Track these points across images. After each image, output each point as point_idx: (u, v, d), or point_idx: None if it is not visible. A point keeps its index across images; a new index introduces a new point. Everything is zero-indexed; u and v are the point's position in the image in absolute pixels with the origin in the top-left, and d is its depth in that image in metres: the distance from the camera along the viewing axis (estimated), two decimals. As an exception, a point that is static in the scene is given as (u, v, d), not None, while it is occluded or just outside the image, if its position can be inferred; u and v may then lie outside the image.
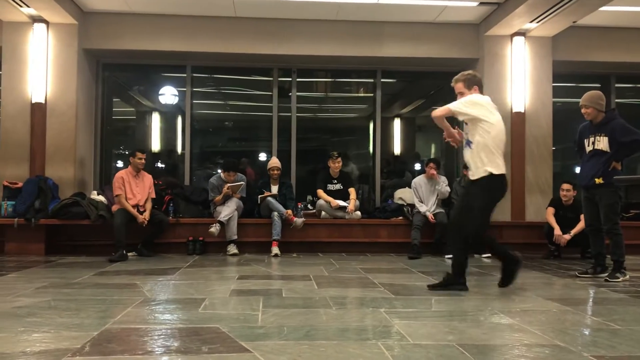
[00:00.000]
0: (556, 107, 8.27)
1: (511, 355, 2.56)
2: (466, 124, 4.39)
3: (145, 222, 6.69)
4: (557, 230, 6.77)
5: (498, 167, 4.28)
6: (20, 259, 6.40)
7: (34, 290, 4.16)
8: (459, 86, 4.46)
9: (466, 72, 4.50)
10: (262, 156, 9.12)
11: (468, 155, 4.42)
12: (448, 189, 7.36)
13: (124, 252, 6.34)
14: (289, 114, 8.64)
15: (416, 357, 2.47)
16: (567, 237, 6.69)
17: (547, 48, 8.04)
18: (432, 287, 4.40)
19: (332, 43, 8.03)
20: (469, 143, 4.39)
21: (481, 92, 4.48)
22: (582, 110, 5.21)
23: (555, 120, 8.06)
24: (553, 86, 8.10)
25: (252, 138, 9.79)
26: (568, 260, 6.83)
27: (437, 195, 7.34)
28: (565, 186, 6.88)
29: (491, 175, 4.24)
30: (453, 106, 4.30)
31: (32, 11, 7.13)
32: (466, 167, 7.25)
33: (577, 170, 5.66)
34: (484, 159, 4.26)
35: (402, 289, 4.46)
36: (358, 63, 8.51)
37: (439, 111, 4.33)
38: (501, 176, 4.31)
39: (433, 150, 10.02)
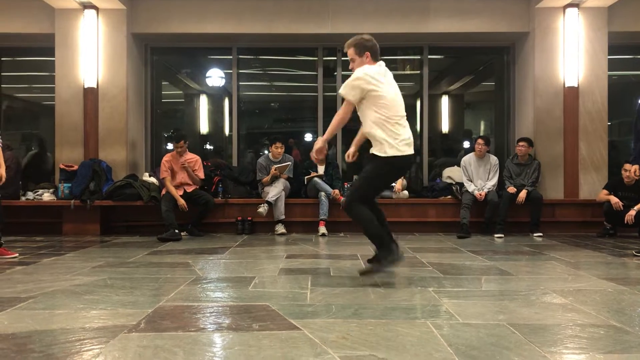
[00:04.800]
0: (612, 80, 7.94)
1: (564, 335, 2.51)
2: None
3: (184, 207, 6.76)
4: (615, 199, 6.58)
5: (391, 147, 3.77)
6: (77, 239, 6.65)
7: (91, 269, 4.32)
8: (350, 52, 4.04)
9: (358, 36, 4.04)
10: (308, 137, 9.13)
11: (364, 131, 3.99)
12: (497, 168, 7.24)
13: (176, 231, 6.47)
14: (334, 94, 8.59)
15: (466, 336, 2.45)
16: (633, 212, 6.42)
17: (602, 19, 7.69)
18: (365, 273, 3.89)
19: (377, 20, 7.90)
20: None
21: (374, 58, 4.03)
22: None
23: (611, 94, 7.74)
24: (608, 59, 7.76)
25: (298, 119, 9.79)
26: (624, 239, 6.62)
27: (489, 174, 7.20)
28: (629, 166, 6.59)
29: (383, 157, 3.78)
30: (341, 92, 3.89)
31: (82, -3, 7.32)
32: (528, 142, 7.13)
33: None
34: (379, 137, 3.81)
35: (451, 268, 4.42)
36: (404, 40, 8.37)
37: (341, 112, 3.92)
38: (394, 158, 3.77)
39: (482, 127, 9.82)
